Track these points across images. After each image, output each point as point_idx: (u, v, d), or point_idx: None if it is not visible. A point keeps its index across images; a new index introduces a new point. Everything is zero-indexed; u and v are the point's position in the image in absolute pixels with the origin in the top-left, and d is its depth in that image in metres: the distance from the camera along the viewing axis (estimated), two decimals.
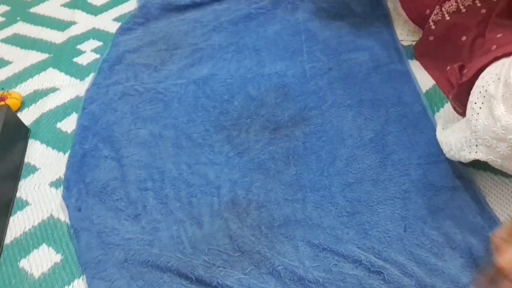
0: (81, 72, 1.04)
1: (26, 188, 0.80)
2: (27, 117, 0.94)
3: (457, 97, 0.66)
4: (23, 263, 0.69)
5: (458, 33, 0.81)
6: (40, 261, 0.69)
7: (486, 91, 0.54)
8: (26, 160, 0.85)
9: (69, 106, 0.95)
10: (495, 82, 0.53)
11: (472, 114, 0.56)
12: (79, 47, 1.12)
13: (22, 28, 1.22)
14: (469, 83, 0.59)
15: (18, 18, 1.26)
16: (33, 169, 0.83)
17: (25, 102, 0.98)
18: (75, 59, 1.08)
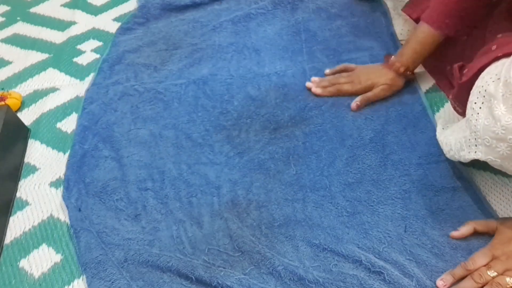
0: (81, 72, 1.04)
1: (26, 188, 0.80)
2: (27, 117, 0.94)
3: (457, 97, 0.66)
4: (23, 263, 0.69)
5: (458, 33, 0.81)
6: (40, 261, 0.69)
7: (486, 91, 0.54)
8: (26, 160, 0.85)
9: (69, 106, 0.95)
10: (495, 82, 0.53)
11: (472, 114, 0.56)
12: (79, 47, 1.12)
13: (22, 28, 1.22)
14: (469, 83, 0.59)
15: (18, 18, 1.26)
16: (33, 169, 0.83)
17: (25, 102, 0.98)
18: (75, 59, 1.08)
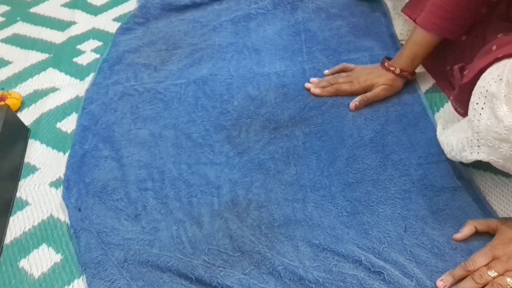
0: (81, 72, 1.04)
1: (26, 188, 0.80)
2: (27, 117, 0.94)
3: (458, 98, 0.66)
4: (23, 263, 0.69)
5: (456, 34, 0.81)
6: (40, 261, 0.69)
7: (487, 91, 0.54)
8: (26, 160, 0.85)
9: (69, 106, 0.95)
10: (497, 83, 0.53)
11: (474, 115, 0.56)
12: (79, 47, 1.12)
13: (22, 28, 1.22)
14: (470, 85, 0.59)
15: (18, 18, 1.26)
16: (33, 169, 0.83)
17: (25, 102, 0.98)
18: (75, 59, 1.08)
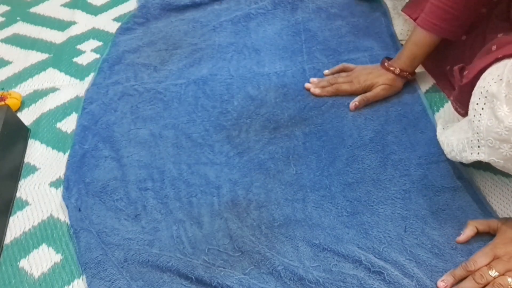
0: (81, 72, 1.04)
1: (26, 188, 0.80)
2: (27, 117, 0.94)
3: (458, 99, 0.66)
4: (23, 263, 0.69)
5: (456, 34, 0.81)
6: (40, 261, 0.69)
7: (488, 92, 0.54)
8: (26, 160, 0.85)
9: (69, 106, 0.95)
10: (497, 83, 0.53)
11: (475, 115, 0.56)
12: (79, 47, 1.12)
13: (22, 28, 1.22)
14: (470, 85, 0.59)
15: (18, 18, 1.26)
16: (33, 169, 0.83)
17: (25, 102, 0.98)
18: (75, 59, 1.08)
